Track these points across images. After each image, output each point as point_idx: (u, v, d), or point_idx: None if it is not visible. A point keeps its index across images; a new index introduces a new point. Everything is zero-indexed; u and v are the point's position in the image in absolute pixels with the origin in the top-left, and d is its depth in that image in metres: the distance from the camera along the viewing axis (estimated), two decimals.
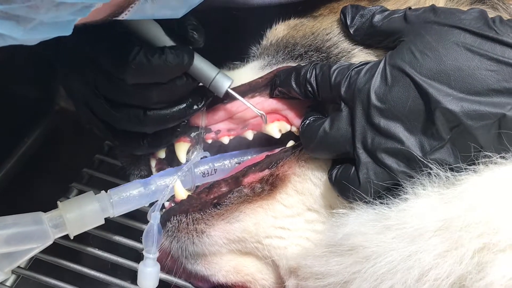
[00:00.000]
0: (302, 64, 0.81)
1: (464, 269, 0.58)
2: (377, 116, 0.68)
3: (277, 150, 0.83)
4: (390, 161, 0.67)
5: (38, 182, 1.14)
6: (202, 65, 0.80)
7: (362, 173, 0.69)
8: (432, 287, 0.60)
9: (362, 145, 0.69)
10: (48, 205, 0.82)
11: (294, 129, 0.83)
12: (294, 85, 0.78)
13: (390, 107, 0.68)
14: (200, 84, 0.81)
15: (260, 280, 0.83)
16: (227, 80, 0.80)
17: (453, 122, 0.65)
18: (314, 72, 0.76)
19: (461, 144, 0.65)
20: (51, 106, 1.26)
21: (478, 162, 0.65)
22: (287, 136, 0.84)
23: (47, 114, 1.24)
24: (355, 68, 0.72)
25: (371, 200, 0.69)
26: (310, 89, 0.76)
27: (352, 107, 0.70)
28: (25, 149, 1.18)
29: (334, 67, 0.74)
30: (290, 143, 0.83)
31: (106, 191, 0.81)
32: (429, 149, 0.66)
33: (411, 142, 0.67)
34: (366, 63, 0.72)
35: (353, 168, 0.70)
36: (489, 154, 0.64)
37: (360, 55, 0.79)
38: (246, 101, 0.82)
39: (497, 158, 0.64)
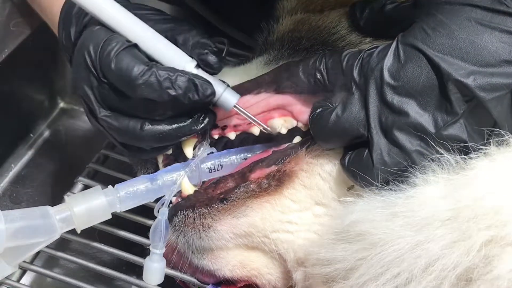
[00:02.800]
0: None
1: (471, 261, 0.58)
2: (391, 94, 0.68)
3: (283, 145, 0.83)
4: (403, 139, 0.67)
5: (43, 177, 1.15)
6: (209, 81, 0.79)
7: (375, 154, 0.68)
8: (438, 277, 0.60)
9: (376, 125, 0.69)
10: (54, 200, 0.83)
11: (300, 124, 0.83)
12: (302, 75, 0.77)
13: (403, 84, 0.67)
14: None
15: (266, 275, 0.83)
16: (234, 96, 0.80)
17: (466, 95, 0.65)
18: (324, 60, 0.75)
19: (475, 119, 0.65)
20: (56, 103, 1.27)
21: (490, 142, 0.65)
22: (293, 131, 0.84)
23: (52, 110, 1.25)
24: (367, 50, 0.72)
25: (384, 183, 0.68)
26: (319, 76, 0.76)
27: (364, 88, 0.70)
28: (30, 144, 1.19)
29: (345, 53, 0.74)
30: (297, 138, 0.83)
31: (113, 186, 0.82)
32: (442, 125, 0.66)
33: (424, 119, 0.66)
34: (377, 46, 0.72)
35: (366, 150, 0.69)
36: (502, 132, 0.64)
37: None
38: (253, 116, 0.81)
39: (509, 137, 0.64)
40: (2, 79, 1.08)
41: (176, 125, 0.80)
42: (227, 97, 0.80)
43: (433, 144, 0.66)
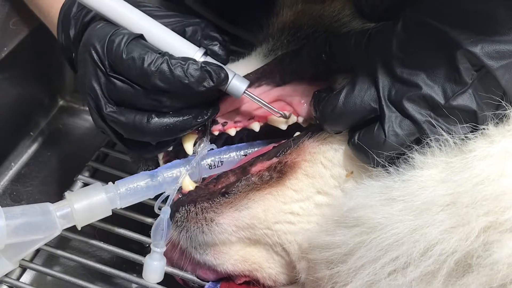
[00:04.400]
0: None
1: (470, 246, 0.58)
2: (400, 67, 0.68)
3: (283, 141, 0.83)
4: (413, 110, 0.67)
5: (43, 175, 1.15)
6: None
7: (387, 126, 0.68)
8: (437, 262, 0.60)
9: (386, 98, 0.69)
10: (54, 198, 0.83)
11: (300, 119, 0.84)
12: (307, 58, 0.77)
13: (412, 56, 0.68)
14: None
15: (267, 269, 0.83)
16: (243, 82, 0.80)
17: (474, 65, 0.65)
18: (329, 41, 0.75)
19: (484, 89, 0.65)
20: (56, 101, 1.27)
21: (497, 114, 0.65)
22: (293, 128, 0.84)
23: (52, 109, 1.26)
24: (375, 28, 0.72)
25: (393, 160, 0.68)
26: (325, 57, 0.76)
27: (374, 63, 0.70)
28: (30, 143, 1.19)
29: (352, 32, 0.74)
30: (297, 134, 0.83)
31: (113, 183, 0.81)
32: (451, 95, 0.66)
33: (434, 90, 0.66)
34: (385, 23, 0.72)
35: (377, 124, 0.69)
36: (503, 103, 0.64)
37: None
38: (265, 102, 0.82)
39: (510, 111, 0.65)
40: (2, 78, 1.08)
41: (182, 117, 0.80)
42: (236, 84, 0.80)
43: (443, 114, 0.66)
